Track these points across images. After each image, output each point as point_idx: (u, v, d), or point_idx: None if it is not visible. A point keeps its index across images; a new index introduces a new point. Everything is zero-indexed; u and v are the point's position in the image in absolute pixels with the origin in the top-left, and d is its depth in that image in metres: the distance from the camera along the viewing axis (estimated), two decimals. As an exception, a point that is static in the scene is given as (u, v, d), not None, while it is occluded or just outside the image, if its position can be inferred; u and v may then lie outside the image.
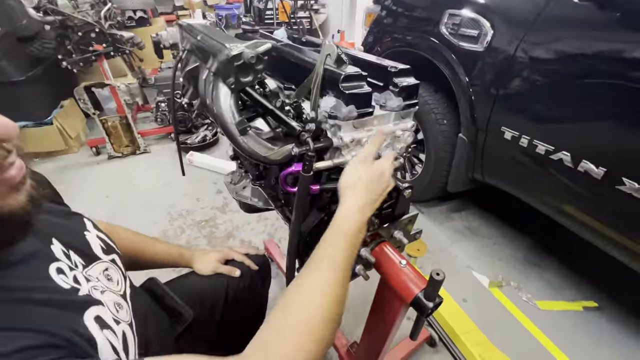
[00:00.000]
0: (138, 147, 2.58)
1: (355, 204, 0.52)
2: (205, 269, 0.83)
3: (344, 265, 0.48)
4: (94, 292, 0.44)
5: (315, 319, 0.42)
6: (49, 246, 0.44)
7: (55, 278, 0.41)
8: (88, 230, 0.55)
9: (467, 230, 1.86)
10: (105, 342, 0.39)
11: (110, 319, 0.43)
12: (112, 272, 0.52)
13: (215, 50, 0.52)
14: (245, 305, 0.87)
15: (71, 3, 2.14)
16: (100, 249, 0.54)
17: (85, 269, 0.47)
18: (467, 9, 1.32)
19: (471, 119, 1.39)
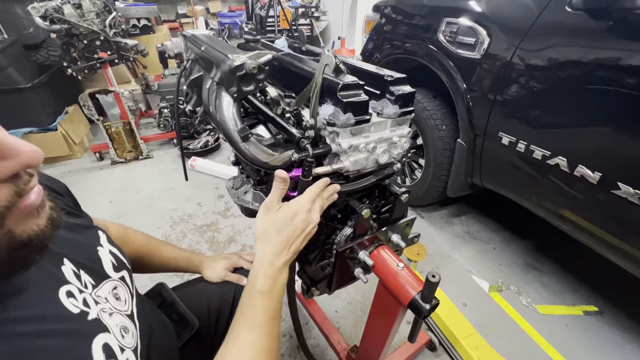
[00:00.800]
0: (141, 153, 2.61)
1: (266, 257, 0.52)
2: (214, 276, 0.83)
3: (266, 323, 0.48)
4: (102, 316, 0.43)
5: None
6: (60, 267, 0.43)
7: (65, 302, 0.39)
8: (101, 245, 0.54)
9: (467, 234, 1.87)
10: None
11: (117, 346, 0.42)
12: (120, 290, 0.51)
13: (219, 60, 0.54)
14: None
15: (77, 12, 2.19)
16: (111, 266, 0.53)
17: (95, 289, 0.46)
18: (464, 17, 1.35)
19: (469, 125, 1.41)
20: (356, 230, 0.64)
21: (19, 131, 2.34)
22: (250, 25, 3.48)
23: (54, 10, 2.13)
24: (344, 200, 0.65)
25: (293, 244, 0.53)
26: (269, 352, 0.47)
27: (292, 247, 0.53)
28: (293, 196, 0.57)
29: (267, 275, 0.51)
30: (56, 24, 2.14)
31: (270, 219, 0.53)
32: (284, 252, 0.52)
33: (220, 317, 0.81)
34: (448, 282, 1.55)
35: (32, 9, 2.09)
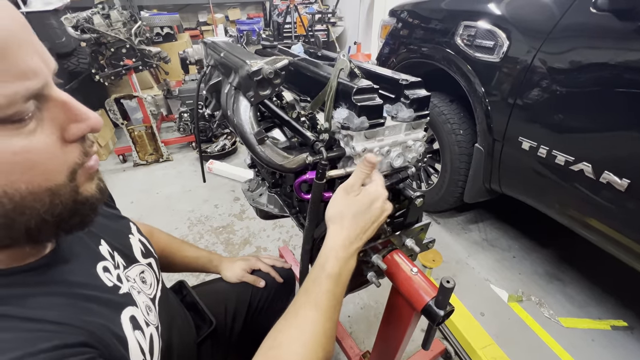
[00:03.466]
0: (161, 155, 2.70)
1: (339, 240, 0.50)
2: (232, 277, 0.85)
3: (330, 306, 0.47)
4: (132, 292, 0.48)
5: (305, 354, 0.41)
6: (98, 246, 0.48)
7: (101, 276, 0.45)
8: (132, 234, 0.59)
9: (485, 242, 1.82)
10: (135, 343, 0.42)
11: (142, 320, 0.46)
12: (147, 275, 0.56)
13: (237, 66, 0.56)
14: (268, 316, 0.88)
15: (105, 22, 2.31)
16: (140, 253, 0.58)
17: (126, 270, 0.51)
18: (483, 21, 1.33)
19: (487, 129, 1.38)
20: (370, 234, 0.64)
21: (50, 134, 2.47)
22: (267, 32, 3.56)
23: (84, 20, 2.26)
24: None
25: (367, 230, 0.52)
26: (326, 335, 0.45)
27: (365, 234, 0.52)
28: (307, 199, 0.58)
29: (338, 258, 0.49)
30: (86, 34, 2.26)
31: (349, 202, 0.51)
32: (357, 238, 0.51)
33: (236, 318, 0.83)
34: (465, 290, 1.51)
35: (65, 19, 2.22)
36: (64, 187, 0.33)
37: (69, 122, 0.33)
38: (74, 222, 0.37)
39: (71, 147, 0.34)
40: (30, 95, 0.29)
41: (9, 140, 0.28)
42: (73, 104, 0.34)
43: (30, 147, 0.30)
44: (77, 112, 0.34)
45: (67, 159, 0.34)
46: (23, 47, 0.29)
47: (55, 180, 0.33)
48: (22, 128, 0.29)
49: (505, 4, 1.28)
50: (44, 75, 0.31)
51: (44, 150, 0.31)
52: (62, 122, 0.33)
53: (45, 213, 0.32)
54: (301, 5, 4.39)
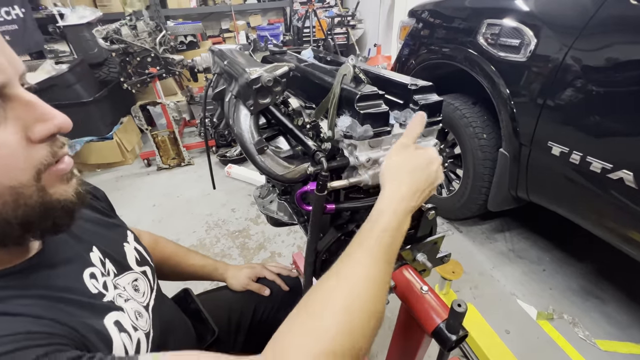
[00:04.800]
0: (183, 160, 2.78)
1: (398, 192, 0.46)
2: (237, 285, 0.85)
3: (384, 259, 0.42)
4: (117, 300, 0.47)
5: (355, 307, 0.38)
6: (89, 253, 0.49)
7: (87, 282, 0.45)
8: (128, 242, 0.59)
9: (512, 253, 1.70)
10: (120, 343, 0.41)
11: (129, 325, 0.45)
12: (140, 282, 0.56)
13: (238, 74, 0.55)
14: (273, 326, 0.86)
15: (132, 32, 2.42)
16: (134, 260, 0.58)
17: (116, 277, 0.51)
18: (508, 18, 1.25)
19: (513, 133, 1.29)
20: (376, 248, 0.60)
21: (81, 140, 2.62)
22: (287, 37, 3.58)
23: (113, 32, 2.37)
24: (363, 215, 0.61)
25: (424, 192, 0.48)
26: (378, 285, 0.41)
27: (422, 195, 0.48)
28: (308, 210, 0.55)
29: (396, 212, 0.44)
30: (115, 44, 2.38)
31: (407, 157, 0.48)
32: (414, 197, 0.47)
33: (240, 328, 0.81)
34: (488, 305, 1.42)
35: (96, 32, 2.35)
36: (28, 187, 0.33)
37: (34, 122, 0.33)
38: (45, 226, 0.37)
39: (38, 147, 0.34)
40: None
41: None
42: (38, 103, 0.34)
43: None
44: (42, 111, 0.34)
45: (32, 158, 0.33)
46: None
47: (19, 179, 0.32)
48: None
49: (532, -1, 1.20)
50: (6, 74, 0.31)
51: (6, 148, 0.31)
52: (27, 121, 0.33)
53: (8, 213, 0.32)
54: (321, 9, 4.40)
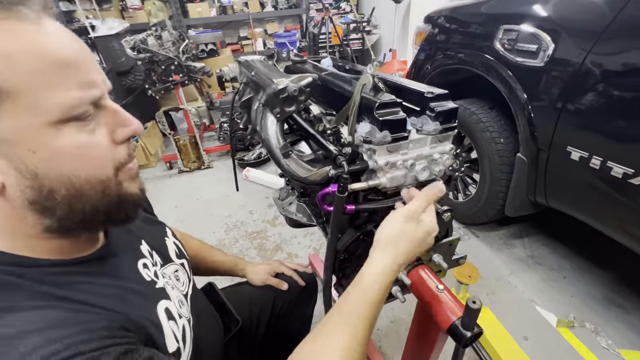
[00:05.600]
0: (203, 163, 2.88)
1: (389, 265, 0.49)
2: (257, 280, 0.90)
3: (366, 335, 0.45)
4: (167, 287, 0.53)
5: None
6: (139, 245, 0.55)
7: (142, 271, 0.51)
8: (167, 236, 0.66)
9: (531, 259, 1.68)
10: (169, 331, 0.46)
11: (175, 312, 0.51)
12: (180, 274, 0.61)
13: (265, 84, 0.60)
14: (290, 319, 0.91)
15: (158, 42, 2.55)
16: (174, 253, 0.64)
17: (162, 268, 0.57)
18: (524, 24, 1.25)
19: (531, 138, 1.29)
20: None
21: (109, 144, 2.76)
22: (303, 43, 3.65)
23: (140, 42, 2.51)
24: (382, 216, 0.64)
25: (411, 259, 0.54)
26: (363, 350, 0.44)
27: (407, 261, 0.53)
28: (329, 211, 0.59)
29: (384, 286, 0.48)
30: (142, 53, 2.51)
31: (409, 232, 0.51)
32: (402, 266, 0.51)
33: (260, 320, 0.86)
34: (506, 310, 1.40)
35: (124, 42, 2.49)
36: (111, 181, 0.40)
37: (117, 126, 0.40)
38: (120, 216, 0.43)
39: (119, 148, 0.41)
40: (92, 101, 0.36)
41: (76, 135, 0.35)
42: (122, 112, 0.41)
43: (90, 142, 0.37)
44: (124, 118, 0.41)
45: (115, 156, 0.40)
46: (90, 65, 0.37)
47: (106, 174, 0.39)
48: (85, 127, 0.36)
49: (549, 5, 1.20)
50: (102, 88, 0.38)
51: (99, 147, 0.38)
52: (112, 126, 0.40)
53: (97, 201, 0.39)
54: (336, 15, 4.46)
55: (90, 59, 0.37)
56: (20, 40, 0.31)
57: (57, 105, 0.33)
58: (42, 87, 0.32)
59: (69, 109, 0.34)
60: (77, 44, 0.36)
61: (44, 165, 0.34)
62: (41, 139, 0.33)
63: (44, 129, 0.33)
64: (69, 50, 0.34)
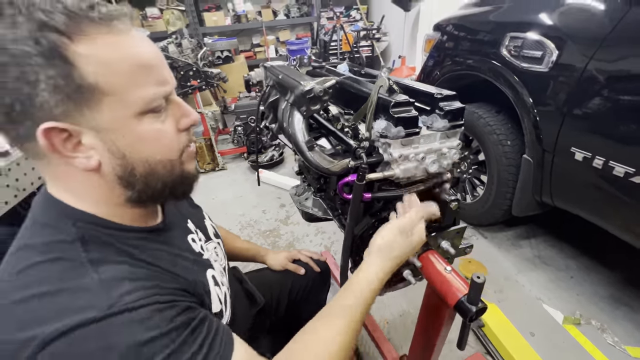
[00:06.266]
0: (217, 165, 2.99)
1: (382, 270, 0.57)
2: (277, 265, 0.98)
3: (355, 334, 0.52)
4: (211, 259, 0.61)
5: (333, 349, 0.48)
6: (187, 223, 0.63)
7: (191, 244, 0.59)
8: (205, 219, 0.75)
9: (538, 259, 1.71)
10: (215, 295, 0.54)
11: (219, 280, 0.59)
12: (219, 250, 0.70)
13: (293, 86, 0.68)
14: (306, 303, 0.99)
15: (178, 49, 2.69)
16: (212, 233, 0.73)
17: (205, 243, 0.65)
18: (529, 31, 1.32)
19: (536, 140, 1.34)
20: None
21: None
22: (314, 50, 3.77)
23: (161, 49, 2.65)
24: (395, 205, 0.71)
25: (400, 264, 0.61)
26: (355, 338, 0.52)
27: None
28: (348, 199, 0.66)
29: (377, 289, 0.56)
30: (162, 60, 2.65)
31: (402, 242, 0.59)
32: (393, 271, 0.59)
33: (280, 303, 0.94)
34: (513, 308, 1.44)
35: (146, 49, 2.63)
36: (176, 161, 0.48)
37: (181, 117, 0.48)
38: (180, 191, 0.51)
39: (182, 134, 0.48)
40: (165, 95, 0.44)
41: (152, 124, 0.43)
42: (184, 105, 0.49)
43: (162, 130, 0.45)
44: (186, 110, 0.48)
45: (180, 141, 0.48)
46: (163, 65, 0.45)
47: (173, 156, 0.47)
48: (159, 117, 0.44)
49: (553, 13, 1.26)
50: (171, 84, 0.46)
51: (169, 133, 0.46)
52: (177, 116, 0.47)
53: (166, 178, 0.47)
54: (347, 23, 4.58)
55: (163, 60, 0.45)
56: (117, 50, 0.39)
57: (140, 99, 0.41)
58: (131, 86, 0.40)
59: (148, 102, 0.42)
60: (153, 47, 0.44)
61: (129, 148, 0.42)
62: (128, 127, 0.42)
63: (130, 119, 0.41)
64: (149, 54, 0.43)
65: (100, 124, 0.40)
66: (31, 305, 0.36)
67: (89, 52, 0.37)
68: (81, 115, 0.39)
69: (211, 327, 0.44)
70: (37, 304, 0.37)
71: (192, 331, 0.41)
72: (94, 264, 0.40)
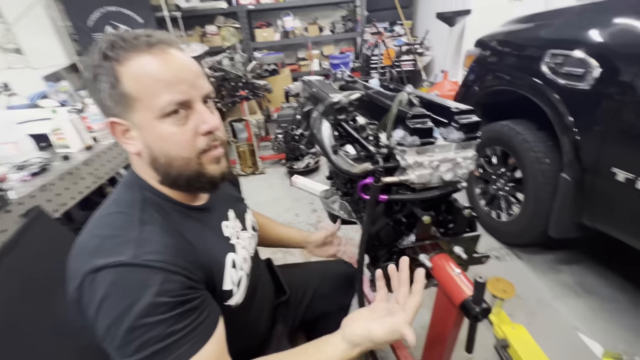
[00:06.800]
0: (257, 169, 3.21)
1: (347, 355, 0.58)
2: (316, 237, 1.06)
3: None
4: (237, 244, 0.71)
5: None
6: (227, 211, 0.75)
7: (223, 228, 0.70)
8: (247, 213, 0.85)
9: (578, 286, 1.60)
10: (228, 275, 0.64)
11: (239, 264, 0.68)
12: (252, 241, 0.80)
13: (322, 98, 0.78)
14: (330, 302, 1.03)
15: (230, 63, 2.98)
16: (250, 225, 0.83)
17: (240, 232, 0.76)
18: (571, 49, 1.30)
19: (575, 159, 1.30)
20: (419, 234, 0.75)
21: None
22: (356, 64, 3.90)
23: (216, 63, 2.96)
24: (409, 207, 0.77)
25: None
26: None
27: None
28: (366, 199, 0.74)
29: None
30: (216, 72, 2.95)
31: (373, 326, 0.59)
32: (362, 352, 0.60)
33: (304, 298, 1.01)
34: (544, 333, 1.37)
35: (204, 62, 2.95)
36: (192, 159, 0.56)
37: (201, 123, 0.56)
38: (198, 185, 0.60)
39: (200, 138, 0.56)
40: (178, 103, 0.53)
41: (171, 125, 0.53)
42: (204, 113, 0.56)
43: (178, 131, 0.54)
44: (204, 117, 0.56)
45: (196, 143, 0.56)
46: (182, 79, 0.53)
47: (187, 154, 0.56)
48: (178, 121, 0.54)
49: (597, 32, 1.23)
50: (188, 95, 0.54)
51: (184, 135, 0.55)
52: (198, 122, 0.56)
53: (182, 171, 0.56)
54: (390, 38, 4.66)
55: (183, 76, 0.53)
56: (144, 68, 0.52)
57: (157, 106, 0.52)
58: (151, 95, 0.52)
59: (163, 108, 0.52)
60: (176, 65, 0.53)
61: (152, 142, 0.55)
62: (152, 126, 0.53)
63: (153, 120, 0.53)
64: (168, 71, 0.53)
65: (137, 122, 0.54)
66: (94, 241, 0.51)
67: (128, 70, 0.52)
68: (127, 115, 0.54)
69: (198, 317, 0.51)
70: (96, 241, 0.51)
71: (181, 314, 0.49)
72: (142, 223, 0.54)
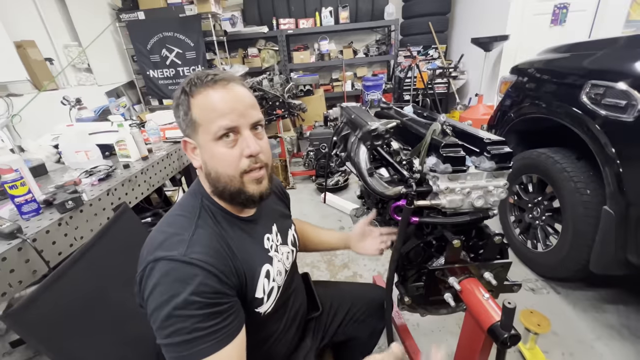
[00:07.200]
0: (288, 184, 3.33)
1: None
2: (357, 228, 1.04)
3: None
4: (275, 257, 0.77)
5: None
6: (272, 225, 0.81)
7: (264, 240, 0.77)
8: (291, 229, 0.90)
9: (625, 329, 1.49)
10: (261, 284, 0.69)
11: (272, 276, 0.74)
12: (290, 255, 0.85)
13: (361, 125, 0.86)
14: (361, 326, 1.03)
15: (269, 84, 3.19)
16: (290, 242, 0.88)
17: (279, 246, 0.81)
18: (614, 80, 1.28)
19: (619, 191, 1.25)
20: (448, 257, 0.78)
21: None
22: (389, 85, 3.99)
23: (257, 83, 3.18)
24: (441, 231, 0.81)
25: None
26: None
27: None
28: (398, 220, 0.79)
29: None
30: (256, 92, 3.17)
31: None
32: None
33: (335, 316, 1.02)
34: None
35: (246, 83, 3.19)
36: (235, 178, 0.65)
37: (245, 147, 0.64)
38: (239, 200, 0.68)
39: (244, 159, 0.65)
40: (227, 129, 0.62)
41: (221, 147, 0.63)
42: (248, 139, 0.64)
43: (226, 152, 0.63)
44: (248, 143, 0.64)
45: (239, 164, 0.65)
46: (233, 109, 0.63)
47: (231, 172, 0.65)
48: (227, 144, 0.63)
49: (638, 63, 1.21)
50: (236, 122, 0.63)
51: (231, 156, 0.64)
52: (243, 146, 0.64)
53: (226, 186, 0.66)
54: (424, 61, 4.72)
55: (235, 107, 0.63)
56: (204, 99, 0.63)
57: (210, 130, 0.63)
58: (210, 121, 0.62)
59: (215, 132, 0.62)
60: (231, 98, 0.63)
61: (207, 160, 0.65)
62: (208, 147, 0.64)
63: (210, 142, 0.64)
64: (221, 102, 0.63)
65: (200, 142, 0.65)
66: (161, 236, 0.62)
67: (196, 102, 0.63)
68: (194, 136, 0.66)
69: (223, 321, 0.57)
70: (163, 237, 0.61)
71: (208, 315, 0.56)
72: (197, 227, 0.64)
